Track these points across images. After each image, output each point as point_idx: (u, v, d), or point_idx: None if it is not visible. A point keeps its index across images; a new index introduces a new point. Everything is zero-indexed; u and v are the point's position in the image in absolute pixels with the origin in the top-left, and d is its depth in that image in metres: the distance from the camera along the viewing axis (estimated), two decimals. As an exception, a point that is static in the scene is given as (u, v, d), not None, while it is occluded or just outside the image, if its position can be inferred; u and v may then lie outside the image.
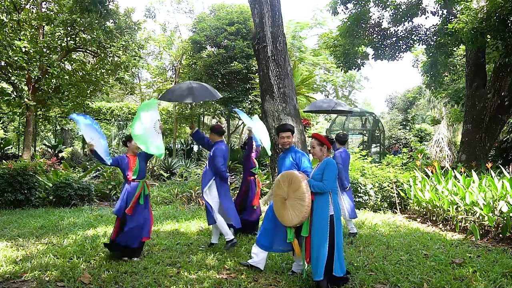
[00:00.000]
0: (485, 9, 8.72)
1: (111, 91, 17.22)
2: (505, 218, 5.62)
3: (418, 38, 11.95)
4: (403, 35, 12.03)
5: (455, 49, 11.98)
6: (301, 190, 3.65)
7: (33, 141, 15.05)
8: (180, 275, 3.99)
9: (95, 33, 11.91)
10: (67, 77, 11.93)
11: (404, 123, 25.49)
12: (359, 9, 11.66)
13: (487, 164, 7.76)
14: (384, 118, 31.63)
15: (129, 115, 19.09)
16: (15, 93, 12.08)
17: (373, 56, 12.52)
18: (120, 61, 12.76)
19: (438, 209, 7.10)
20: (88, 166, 12.46)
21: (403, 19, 11.60)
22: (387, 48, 12.27)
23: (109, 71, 13.33)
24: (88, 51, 13.68)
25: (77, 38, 12.51)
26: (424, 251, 5.00)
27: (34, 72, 11.16)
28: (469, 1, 10.16)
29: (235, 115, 17.58)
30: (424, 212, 7.62)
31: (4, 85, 12.64)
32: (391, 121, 28.98)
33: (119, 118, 18.83)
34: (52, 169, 9.70)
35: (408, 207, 8.30)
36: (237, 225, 5.12)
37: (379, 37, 12.19)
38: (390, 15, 11.83)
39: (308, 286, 3.74)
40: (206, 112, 20.36)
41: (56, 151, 16.67)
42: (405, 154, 12.68)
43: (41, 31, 12.41)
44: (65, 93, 12.60)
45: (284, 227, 3.94)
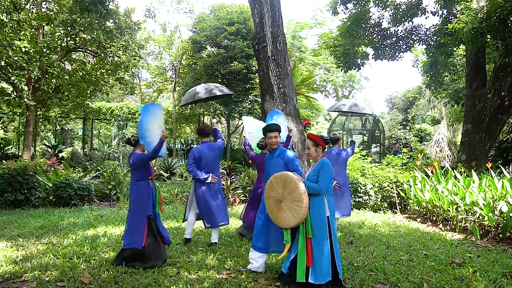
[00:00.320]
0: (485, 9, 8.72)
1: (111, 91, 17.22)
2: (505, 218, 5.62)
3: (418, 38, 11.95)
4: (403, 35, 12.03)
5: (455, 49, 11.98)
6: (298, 192, 3.62)
7: (33, 141, 15.05)
8: (180, 275, 3.99)
9: (95, 33, 11.91)
10: (67, 77, 11.93)
11: (404, 123, 25.50)
12: (359, 9, 11.66)
13: (487, 164, 7.76)
14: (384, 118, 31.62)
15: (129, 115, 19.09)
16: (15, 93, 12.08)
17: (373, 56, 12.52)
18: (120, 61, 12.76)
19: (438, 209, 7.10)
20: (88, 166, 12.46)
21: (403, 19, 11.60)
22: (387, 48, 12.27)
23: (109, 71, 13.33)
24: (88, 51, 13.68)
25: (77, 38, 12.51)
26: (424, 251, 5.00)
27: (34, 72, 11.16)
28: (469, 1, 10.16)
29: (235, 115, 17.57)
30: (424, 212, 7.62)
31: (4, 85, 12.64)
32: (391, 121, 28.98)
33: (119, 118, 18.82)
34: (52, 169, 9.70)
35: (408, 207, 8.30)
36: (213, 225, 5.21)
37: (379, 37, 12.19)
38: (390, 15, 11.83)
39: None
40: (206, 112, 20.35)
41: (56, 151, 16.66)
42: (405, 154, 12.69)
43: (41, 31, 12.41)
44: (65, 93, 12.60)
45: (279, 229, 3.91)
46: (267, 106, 7.12)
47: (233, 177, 10.38)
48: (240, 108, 16.25)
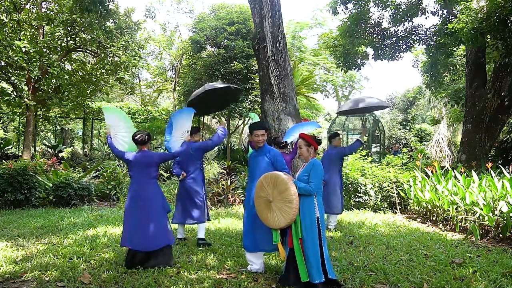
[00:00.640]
0: (485, 9, 8.72)
1: (111, 91, 17.23)
2: (505, 218, 5.62)
3: (418, 38, 11.95)
4: (403, 35, 12.02)
5: (455, 49, 11.97)
6: (289, 192, 3.56)
7: (33, 141, 15.05)
8: (180, 275, 3.99)
9: (95, 33, 11.91)
10: (67, 77, 11.92)
11: (404, 123, 25.50)
12: (359, 9, 11.66)
13: (487, 164, 7.76)
14: (384, 118, 31.62)
15: (129, 115, 19.09)
16: (15, 93, 12.08)
17: (373, 56, 12.52)
18: (120, 61, 12.76)
19: (438, 209, 7.10)
20: (88, 166, 12.45)
21: (403, 19, 11.60)
22: (387, 48, 12.26)
23: (109, 71, 13.33)
24: (88, 51, 13.69)
25: (77, 38, 12.51)
26: (424, 251, 5.00)
27: (34, 72, 11.16)
28: (469, 1, 10.16)
29: (235, 115, 17.57)
30: (424, 212, 7.62)
31: (4, 85, 12.64)
32: (391, 121, 28.98)
33: (119, 118, 18.80)
34: (52, 169, 9.70)
35: (408, 207, 8.30)
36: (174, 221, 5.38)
37: (379, 37, 12.19)
38: (390, 15, 11.83)
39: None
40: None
41: (56, 151, 16.66)
42: (405, 154, 12.68)
43: (41, 31, 12.41)
44: (65, 93, 12.61)
45: (265, 228, 3.89)
46: (267, 106, 7.12)
47: (233, 177, 10.37)
48: (240, 108, 16.24)
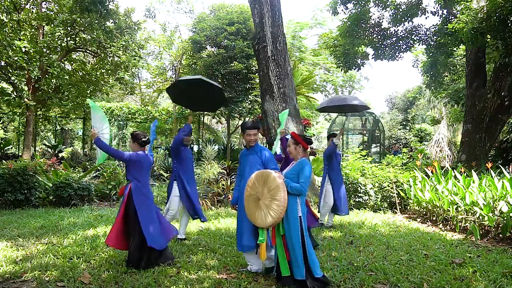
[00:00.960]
0: (485, 9, 8.72)
1: (111, 91, 17.23)
2: (505, 218, 5.62)
3: (418, 38, 11.96)
4: (403, 35, 12.03)
5: (455, 49, 11.98)
6: (277, 190, 3.55)
7: (33, 141, 15.05)
8: (180, 275, 3.99)
9: (95, 33, 11.91)
10: (67, 77, 11.93)
11: (404, 123, 25.52)
12: (359, 9, 11.67)
13: (487, 164, 7.76)
14: (384, 118, 31.63)
15: (129, 115, 19.08)
16: (15, 93, 12.08)
17: (373, 56, 12.53)
18: (120, 61, 12.76)
19: (438, 209, 7.10)
20: (88, 166, 12.45)
21: (403, 19, 11.61)
22: (387, 48, 12.27)
23: (109, 71, 13.33)
24: (88, 51, 13.69)
25: (77, 38, 12.51)
26: (424, 251, 5.00)
27: (34, 72, 11.16)
28: (469, 1, 10.16)
29: (235, 115, 17.57)
30: (424, 212, 7.62)
31: (4, 85, 12.64)
32: (391, 121, 28.99)
33: (119, 118, 18.81)
34: (52, 169, 9.70)
35: (408, 207, 8.30)
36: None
37: (379, 37, 12.19)
38: (390, 15, 11.84)
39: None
40: (206, 112, 20.37)
41: (56, 151, 16.66)
42: (405, 154, 12.68)
43: (41, 31, 12.42)
44: (65, 93, 12.61)
45: (250, 227, 3.91)
46: (267, 106, 7.12)
47: (233, 177, 10.37)
48: (240, 108, 16.24)
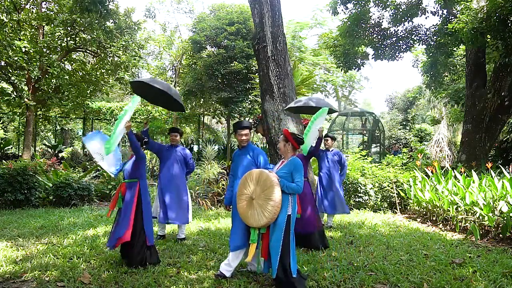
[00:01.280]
0: (485, 9, 8.72)
1: (111, 91, 17.22)
2: (505, 218, 5.62)
3: (418, 38, 11.95)
4: (403, 35, 12.02)
5: (455, 49, 11.97)
6: (272, 190, 3.52)
7: (33, 141, 15.05)
8: (180, 275, 3.99)
9: (95, 33, 11.91)
10: (67, 77, 11.92)
11: (404, 123, 25.50)
12: (359, 9, 11.66)
13: (487, 164, 7.76)
14: (384, 118, 31.63)
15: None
16: (15, 93, 12.08)
17: (373, 56, 12.52)
18: (120, 61, 12.76)
19: (438, 209, 7.10)
20: (88, 166, 12.45)
21: (403, 19, 11.60)
22: (387, 48, 12.26)
23: (109, 71, 13.33)
24: (88, 51, 13.68)
25: (77, 38, 12.51)
26: (424, 251, 5.00)
27: (34, 72, 11.16)
28: (469, 1, 10.16)
29: (235, 115, 17.57)
30: (424, 212, 7.62)
31: (4, 85, 12.64)
32: (391, 121, 28.99)
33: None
34: (52, 169, 9.70)
35: (408, 207, 8.30)
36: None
37: (379, 37, 12.19)
38: (390, 15, 11.83)
39: (309, 286, 3.74)
40: (206, 112, 20.36)
41: (56, 151, 16.66)
42: (405, 154, 12.68)
43: (41, 31, 12.41)
44: (65, 93, 12.61)
45: (241, 226, 3.91)
46: (267, 106, 7.12)
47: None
48: (240, 108, 16.24)
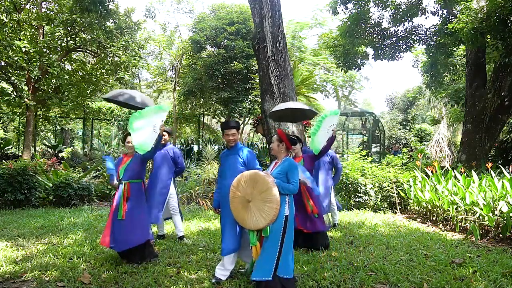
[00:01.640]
0: (485, 9, 8.72)
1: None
2: (505, 218, 5.62)
3: (418, 38, 11.95)
4: (403, 35, 12.03)
5: (455, 49, 11.98)
6: (269, 192, 3.44)
7: (33, 141, 15.04)
8: (180, 275, 3.99)
9: (95, 33, 11.91)
10: (67, 77, 11.92)
11: (404, 123, 25.52)
12: (359, 9, 11.66)
13: (487, 164, 7.76)
14: (384, 118, 31.64)
15: (129, 115, 19.08)
16: (15, 93, 12.08)
17: (373, 56, 12.52)
18: (120, 61, 12.76)
19: (438, 209, 7.10)
20: (88, 166, 12.45)
21: (403, 19, 11.60)
22: (387, 48, 12.27)
23: (109, 71, 13.33)
24: (88, 51, 13.68)
25: (77, 38, 12.51)
26: (424, 251, 5.00)
27: (34, 72, 11.16)
28: (469, 1, 10.16)
29: (235, 115, 17.58)
30: (424, 212, 7.62)
31: (4, 85, 12.64)
32: (391, 121, 29.00)
33: (119, 118, 18.81)
34: (52, 169, 9.70)
35: (408, 207, 8.29)
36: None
37: (379, 37, 12.19)
38: (390, 15, 11.83)
39: (309, 286, 3.74)
40: (206, 112, 20.37)
41: (56, 151, 16.66)
42: (405, 154, 12.68)
43: (41, 31, 12.41)
44: (65, 93, 12.61)
45: (234, 229, 3.86)
46: (267, 106, 7.12)
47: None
48: (240, 108, 16.25)
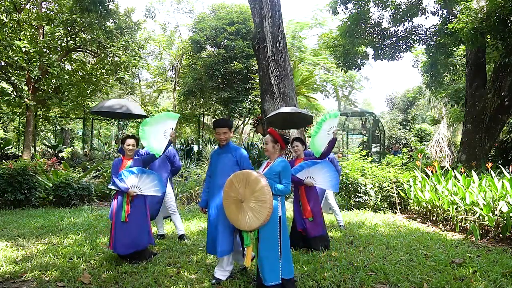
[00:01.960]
0: (485, 9, 8.72)
1: (111, 91, 17.22)
2: (505, 218, 5.62)
3: (418, 38, 11.96)
4: (403, 35, 12.03)
5: (455, 49, 11.98)
6: (262, 192, 3.40)
7: (33, 141, 15.05)
8: (180, 275, 3.99)
9: (95, 33, 11.92)
10: (67, 77, 11.93)
11: (404, 123, 25.52)
12: (359, 9, 11.67)
13: (487, 164, 7.76)
14: (384, 118, 31.64)
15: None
16: (15, 93, 12.08)
17: (373, 56, 12.53)
18: (120, 61, 12.77)
19: (438, 209, 7.10)
20: (88, 166, 12.46)
21: (403, 19, 11.61)
22: (387, 48, 12.28)
23: (109, 71, 13.34)
24: (88, 51, 13.69)
25: (77, 38, 12.52)
26: (424, 251, 4.99)
27: (34, 72, 11.17)
28: (469, 1, 10.16)
29: (235, 115, 17.58)
30: (424, 212, 7.61)
31: (4, 85, 12.65)
32: (391, 121, 29.00)
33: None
34: (52, 169, 9.69)
35: (408, 207, 8.29)
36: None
37: (379, 37, 12.19)
38: (390, 15, 11.84)
39: (309, 286, 3.74)
40: (206, 112, 20.37)
41: (56, 151, 16.66)
42: (405, 154, 12.68)
43: (41, 31, 12.42)
44: (65, 93, 12.61)
45: (228, 230, 3.84)
46: (267, 106, 7.12)
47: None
48: (240, 108, 16.25)
